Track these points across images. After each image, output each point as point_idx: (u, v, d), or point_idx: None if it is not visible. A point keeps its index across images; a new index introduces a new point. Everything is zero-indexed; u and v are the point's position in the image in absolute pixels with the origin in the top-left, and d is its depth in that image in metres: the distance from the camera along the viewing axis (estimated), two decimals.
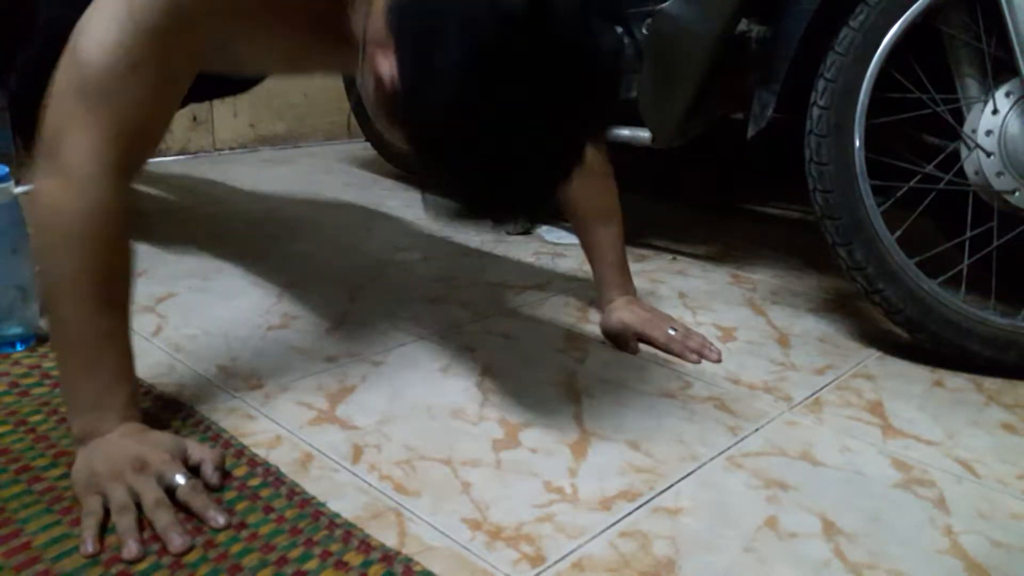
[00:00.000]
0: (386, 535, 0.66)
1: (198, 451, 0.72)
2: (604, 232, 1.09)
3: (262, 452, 0.77)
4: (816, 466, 0.79)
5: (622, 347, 1.05)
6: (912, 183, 1.03)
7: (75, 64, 0.70)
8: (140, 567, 0.60)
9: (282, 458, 0.76)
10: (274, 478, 0.72)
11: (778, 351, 1.07)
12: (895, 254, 1.00)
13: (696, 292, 1.28)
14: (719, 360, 1.02)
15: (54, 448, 0.75)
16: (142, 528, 0.64)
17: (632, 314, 1.07)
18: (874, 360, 1.05)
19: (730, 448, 0.82)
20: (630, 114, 1.29)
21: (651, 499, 0.73)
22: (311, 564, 0.61)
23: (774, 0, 1.10)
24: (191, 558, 0.61)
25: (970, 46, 1.00)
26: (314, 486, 0.72)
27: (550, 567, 0.63)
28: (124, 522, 0.63)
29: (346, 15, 0.78)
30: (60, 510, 0.66)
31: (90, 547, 0.61)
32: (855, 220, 1.00)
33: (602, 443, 0.82)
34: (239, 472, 0.73)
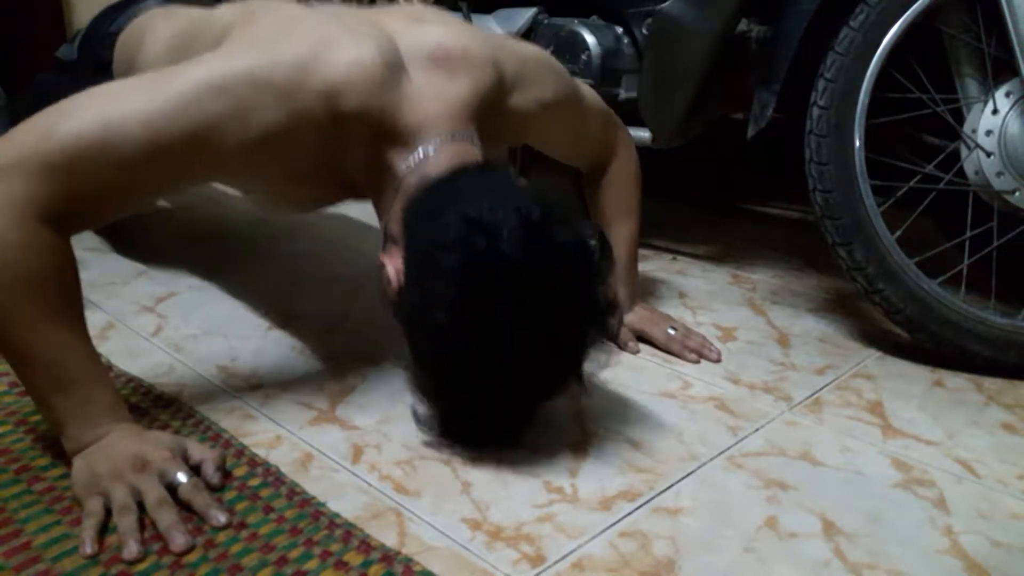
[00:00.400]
0: (386, 535, 0.66)
1: (198, 451, 0.72)
2: (618, 229, 1.10)
3: (262, 452, 0.77)
4: (816, 466, 0.79)
5: (622, 347, 1.05)
6: (912, 183, 1.03)
7: (55, 135, 0.66)
8: (140, 567, 0.60)
9: (282, 458, 0.76)
10: (274, 478, 0.72)
11: (778, 351, 1.07)
12: (895, 254, 1.00)
13: (696, 292, 1.28)
14: (719, 360, 1.02)
15: (54, 448, 0.75)
16: (143, 528, 0.64)
17: (632, 314, 1.07)
18: (874, 360, 1.05)
19: (730, 448, 0.82)
20: (630, 114, 1.29)
21: (651, 499, 0.73)
22: (311, 564, 0.61)
23: (774, 0, 1.10)
24: (191, 558, 0.61)
25: (970, 46, 1.00)
26: (314, 486, 0.72)
27: (550, 567, 0.63)
28: (125, 522, 0.63)
29: (354, 174, 0.82)
30: (60, 510, 0.66)
31: (88, 548, 0.61)
32: (855, 220, 1.00)
33: (602, 443, 0.82)
34: (239, 472, 0.73)
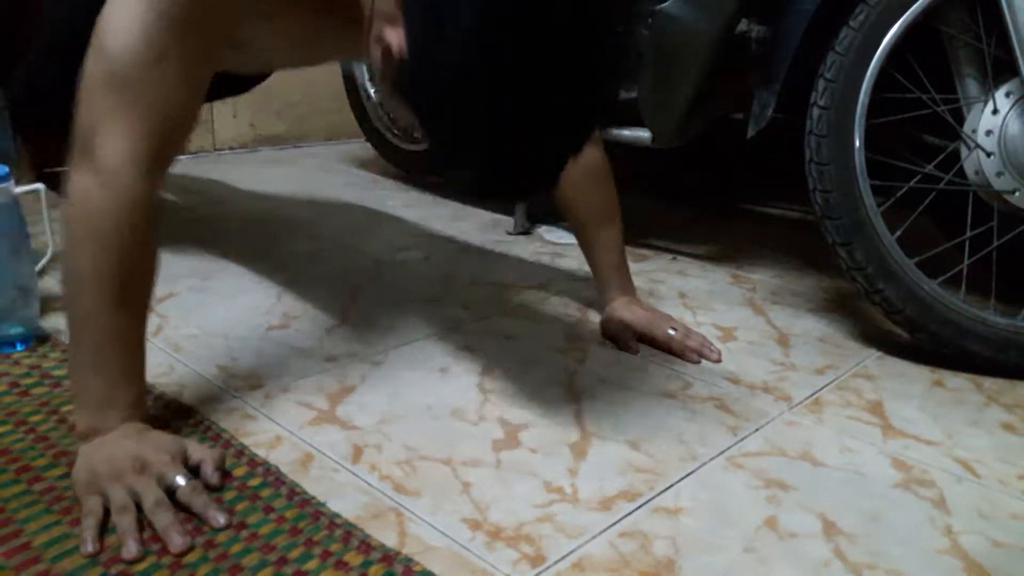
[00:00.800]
0: (386, 535, 0.66)
1: (198, 451, 0.72)
2: (603, 233, 1.09)
3: (262, 452, 0.77)
4: (816, 466, 0.79)
5: (622, 347, 1.05)
6: (912, 183, 1.03)
7: (101, 57, 0.70)
8: (140, 567, 0.60)
9: (282, 458, 0.76)
10: (274, 478, 0.72)
11: (778, 351, 1.07)
12: (895, 254, 1.00)
13: (696, 292, 1.28)
14: (719, 360, 1.02)
15: (54, 448, 0.75)
16: (142, 528, 0.64)
17: (632, 314, 1.07)
18: (874, 360, 1.05)
19: (730, 448, 0.82)
20: (630, 114, 1.29)
21: (651, 499, 0.73)
22: (311, 564, 0.61)
23: (774, 0, 1.10)
24: (191, 558, 0.61)
25: (970, 46, 1.00)
26: (314, 486, 0.72)
27: (550, 567, 0.63)
28: (124, 522, 0.63)
29: None
30: (60, 510, 0.66)
31: (89, 547, 0.61)
32: (855, 220, 1.00)
33: (602, 443, 0.82)
34: (239, 472, 0.73)
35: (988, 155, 0.98)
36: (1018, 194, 0.98)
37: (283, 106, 2.44)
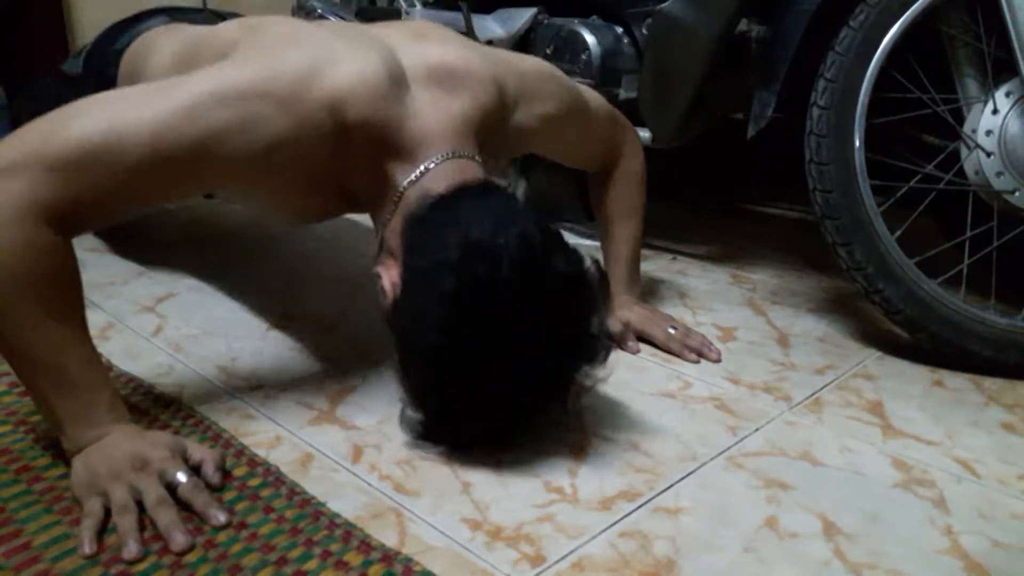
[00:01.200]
0: (386, 535, 0.66)
1: (198, 451, 0.72)
2: (621, 230, 1.11)
3: (262, 452, 0.77)
4: (816, 466, 0.79)
5: (622, 347, 1.05)
6: (912, 183, 1.03)
7: (62, 132, 0.67)
8: (140, 567, 0.60)
9: (282, 458, 0.76)
10: (274, 478, 0.72)
11: (778, 351, 1.07)
12: (895, 254, 1.00)
13: (696, 292, 1.28)
14: (719, 360, 1.02)
15: (54, 448, 0.75)
16: (142, 528, 0.64)
17: (632, 313, 1.07)
18: (874, 360, 1.05)
19: (730, 448, 0.82)
20: (630, 114, 1.29)
21: (651, 499, 0.73)
22: (311, 564, 0.61)
23: (774, 0, 1.10)
24: (191, 558, 0.61)
25: (970, 46, 1.00)
26: (314, 486, 0.72)
27: (550, 567, 0.63)
28: (124, 522, 0.63)
29: (356, 186, 0.82)
30: (60, 510, 0.66)
31: (87, 548, 0.61)
32: (855, 220, 1.00)
33: (602, 443, 0.82)
34: (239, 472, 0.73)
35: (988, 155, 0.98)
36: (1018, 194, 0.98)
37: None
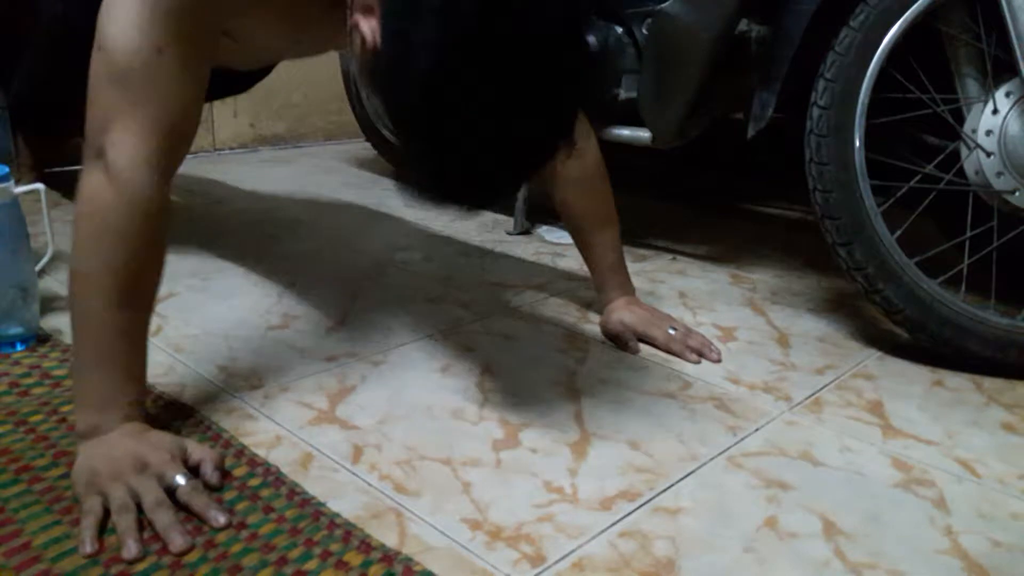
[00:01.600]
0: (386, 535, 0.66)
1: (198, 451, 0.72)
2: (600, 235, 1.08)
3: (262, 452, 0.77)
4: (816, 466, 0.79)
5: (622, 347, 1.05)
6: (912, 183, 1.03)
7: (103, 54, 0.70)
8: (140, 567, 0.60)
9: (282, 458, 0.76)
10: (274, 478, 0.72)
11: (778, 351, 1.07)
12: (895, 254, 1.00)
13: (696, 292, 1.28)
14: (719, 360, 1.02)
15: (54, 448, 0.75)
16: (142, 528, 0.64)
17: (632, 314, 1.07)
18: (874, 360, 1.05)
19: (730, 448, 0.82)
20: (630, 114, 1.29)
21: (651, 499, 0.73)
22: (311, 564, 0.61)
23: (774, 0, 1.10)
24: (191, 558, 0.61)
25: (970, 46, 1.00)
26: (314, 486, 0.72)
27: (550, 567, 0.63)
28: (124, 522, 0.63)
29: None
30: (60, 510, 0.66)
31: (88, 547, 0.61)
32: (855, 220, 1.00)
33: (602, 443, 0.82)
34: (239, 472, 0.73)
35: (988, 155, 0.98)
36: (1018, 194, 0.98)
37: (283, 106, 2.44)
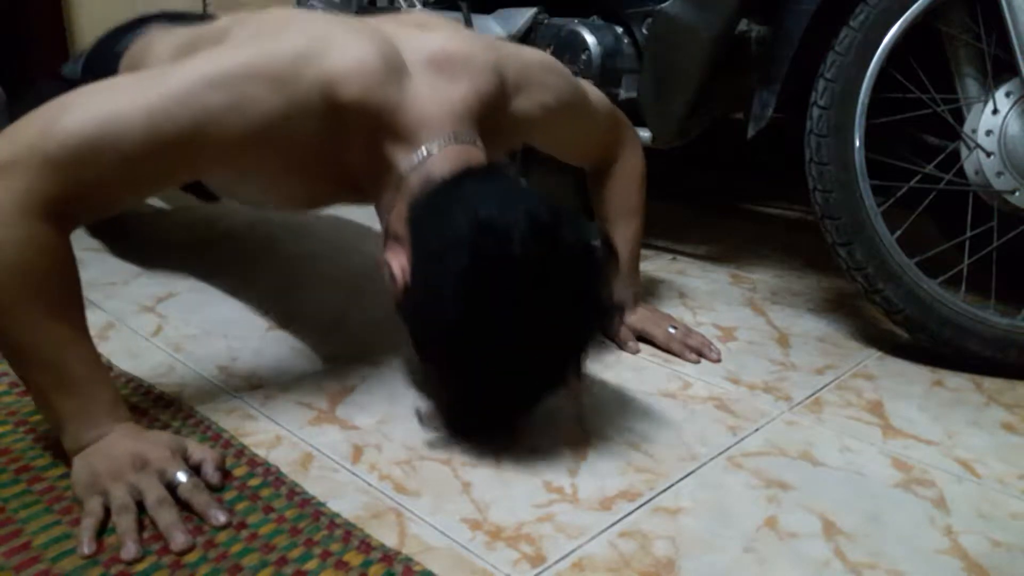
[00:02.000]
0: (386, 535, 0.66)
1: (198, 451, 0.72)
2: (622, 231, 1.10)
3: (262, 452, 0.77)
4: (816, 466, 0.79)
5: (622, 346, 1.05)
6: (912, 183, 1.03)
7: (51, 136, 0.66)
8: (140, 567, 0.60)
9: (282, 458, 0.76)
10: (274, 478, 0.72)
11: (778, 351, 1.07)
12: (895, 254, 1.00)
13: (696, 292, 1.28)
14: (719, 360, 1.02)
15: (54, 448, 0.75)
16: (142, 528, 0.64)
17: (633, 313, 1.07)
18: (874, 360, 1.05)
19: (730, 448, 0.82)
20: (630, 114, 1.29)
21: (651, 499, 0.73)
22: (311, 564, 0.61)
23: (774, 0, 1.10)
24: (191, 558, 0.61)
25: (970, 46, 1.00)
26: (314, 486, 0.72)
27: (550, 567, 0.63)
28: (124, 522, 0.63)
29: (354, 171, 0.82)
30: (60, 510, 0.66)
31: (87, 548, 0.61)
32: (855, 220, 1.00)
33: (602, 443, 0.82)
34: (239, 472, 0.73)
35: (988, 155, 0.98)
36: (1018, 194, 0.98)
37: None
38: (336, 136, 0.77)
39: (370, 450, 0.79)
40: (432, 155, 0.77)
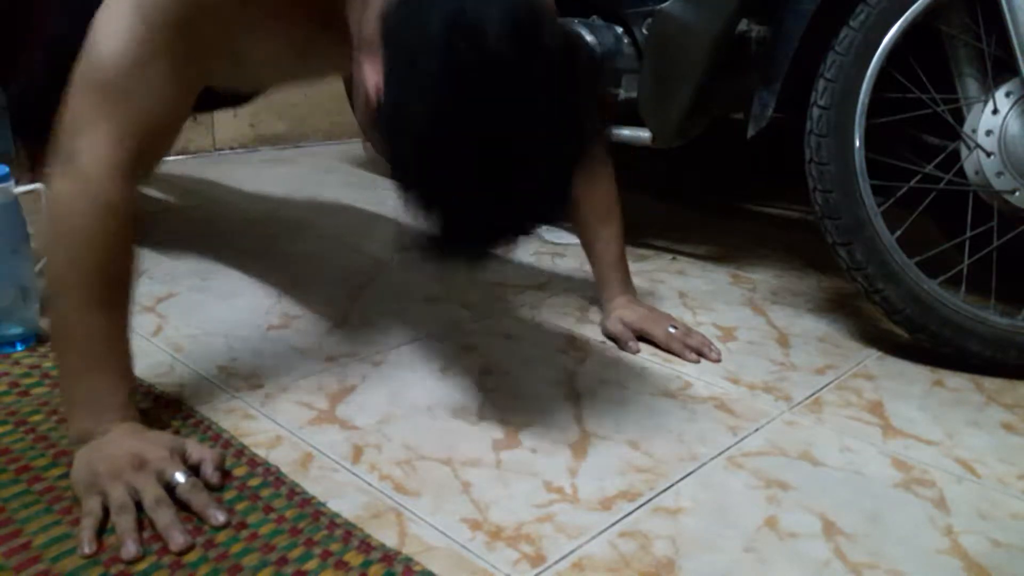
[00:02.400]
0: (386, 535, 0.66)
1: (198, 451, 0.72)
2: (604, 232, 1.09)
3: (262, 452, 0.77)
4: (816, 466, 0.79)
5: (622, 347, 1.05)
6: (912, 183, 1.03)
7: (88, 61, 0.71)
8: (140, 567, 0.60)
9: (282, 458, 0.76)
10: (274, 478, 0.72)
11: (778, 351, 1.07)
12: (895, 254, 1.00)
13: (696, 292, 1.28)
14: (719, 360, 1.02)
15: (54, 448, 0.75)
16: (142, 528, 0.64)
17: (632, 313, 1.07)
18: (874, 360, 1.05)
19: (730, 448, 0.82)
20: (630, 114, 1.29)
21: (651, 499, 0.73)
22: (311, 564, 0.61)
23: (774, 0, 1.10)
24: (191, 558, 0.61)
25: (970, 46, 1.00)
26: (314, 486, 0.72)
27: (550, 567, 0.63)
28: (123, 522, 0.63)
29: (345, 12, 0.78)
30: (60, 510, 0.66)
31: (87, 548, 0.61)
32: (855, 220, 1.00)
33: (602, 443, 0.82)
34: (239, 472, 0.73)
35: (988, 155, 0.98)
36: (1018, 194, 0.98)
37: (283, 106, 2.44)
38: None
39: (370, 450, 0.79)
40: None
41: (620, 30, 1.30)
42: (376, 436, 0.81)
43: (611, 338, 1.07)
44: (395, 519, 0.68)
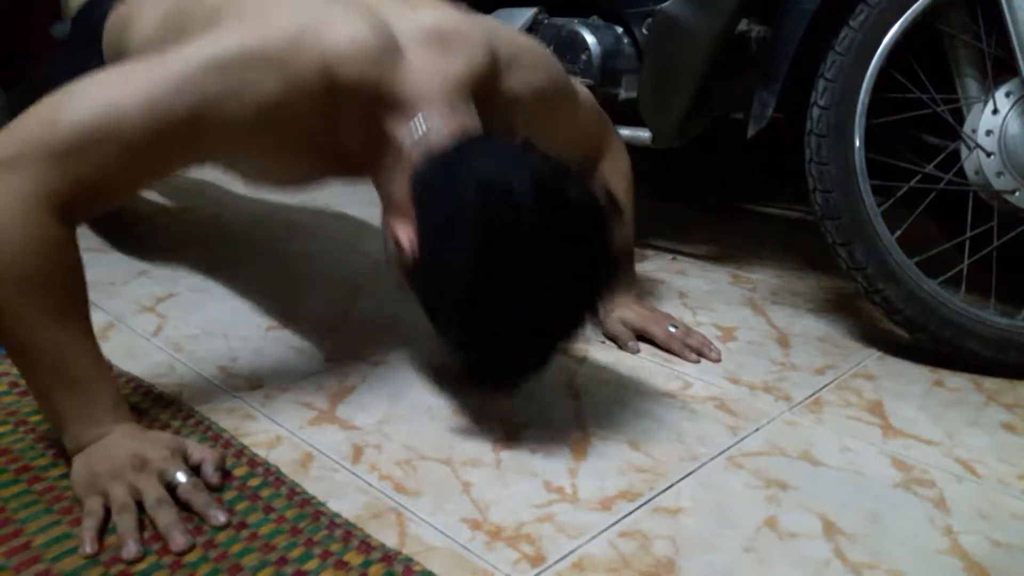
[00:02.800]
0: (386, 535, 0.66)
1: (198, 451, 0.72)
2: (615, 230, 1.09)
3: (262, 452, 0.77)
4: (816, 466, 0.79)
5: (622, 346, 1.05)
6: (912, 183, 1.03)
7: (54, 125, 0.67)
8: (140, 567, 0.60)
9: (282, 458, 0.76)
10: (274, 478, 0.72)
11: (778, 351, 1.07)
12: (895, 254, 1.00)
13: (696, 292, 1.28)
14: (719, 360, 1.02)
15: (54, 448, 0.75)
16: (142, 528, 0.64)
17: (633, 312, 1.07)
18: (874, 360, 1.05)
19: (730, 448, 0.82)
20: (630, 114, 1.29)
21: (651, 499, 0.73)
22: (311, 564, 0.61)
23: (774, 0, 1.10)
24: (191, 558, 0.61)
25: (970, 46, 1.00)
26: (314, 486, 0.72)
27: (550, 567, 0.63)
28: (124, 522, 0.63)
29: (369, 160, 0.82)
30: (60, 510, 0.66)
31: (88, 548, 0.61)
32: (855, 220, 1.00)
33: (602, 443, 0.82)
34: (239, 472, 0.73)
35: (988, 155, 0.98)
36: (1018, 194, 0.98)
37: None
38: (333, 116, 0.78)
39: (370, 450, 0.79)
40: (431, 127, 0.77)
41: (620, 30, 1.30)
42: (376, 436, 0.81)
43: (611, 338, 1.07)
44: (395, 519, 0.68)
